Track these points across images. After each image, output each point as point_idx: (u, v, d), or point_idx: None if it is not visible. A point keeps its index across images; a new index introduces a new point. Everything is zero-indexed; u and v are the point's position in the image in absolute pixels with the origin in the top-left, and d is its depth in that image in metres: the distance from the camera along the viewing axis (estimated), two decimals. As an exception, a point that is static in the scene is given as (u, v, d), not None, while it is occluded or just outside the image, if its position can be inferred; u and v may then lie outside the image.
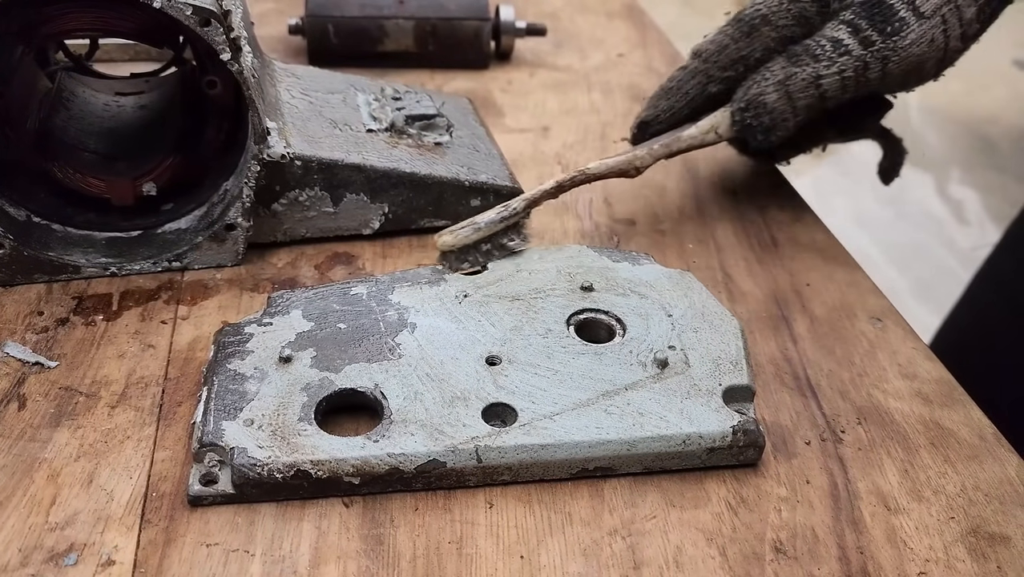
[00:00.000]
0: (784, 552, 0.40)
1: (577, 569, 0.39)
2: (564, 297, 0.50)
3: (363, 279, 0.51)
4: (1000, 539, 0.42)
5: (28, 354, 0.48)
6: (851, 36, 0.55)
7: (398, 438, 0.42)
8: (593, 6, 1.01)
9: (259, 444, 0.41)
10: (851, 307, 0.56)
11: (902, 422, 0.48)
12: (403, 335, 0.47)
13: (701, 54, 0.59)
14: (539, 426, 0.43)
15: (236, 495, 0.40)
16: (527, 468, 0.42)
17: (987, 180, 2.43)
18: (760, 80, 0.56)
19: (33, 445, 0.43)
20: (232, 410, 0.42)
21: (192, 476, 0.41)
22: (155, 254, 0.54)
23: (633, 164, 0.56)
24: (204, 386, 0.44)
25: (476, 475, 0.42)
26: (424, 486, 0.42)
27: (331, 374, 0.45)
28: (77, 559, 0.38)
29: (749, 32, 0.57)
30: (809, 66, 0.55)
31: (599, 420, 0.43)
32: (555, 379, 0.45)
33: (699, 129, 0.58)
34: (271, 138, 0.53)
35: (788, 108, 0.56)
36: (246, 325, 0.47)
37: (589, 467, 0.43)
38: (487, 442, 0.42)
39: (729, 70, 0.57)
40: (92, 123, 0.58)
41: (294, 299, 0.49)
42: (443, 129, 0.63)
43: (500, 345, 0.47)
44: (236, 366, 0.45)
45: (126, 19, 0.53)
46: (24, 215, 0.54)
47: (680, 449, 0.43)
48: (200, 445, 0.41)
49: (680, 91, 0.59)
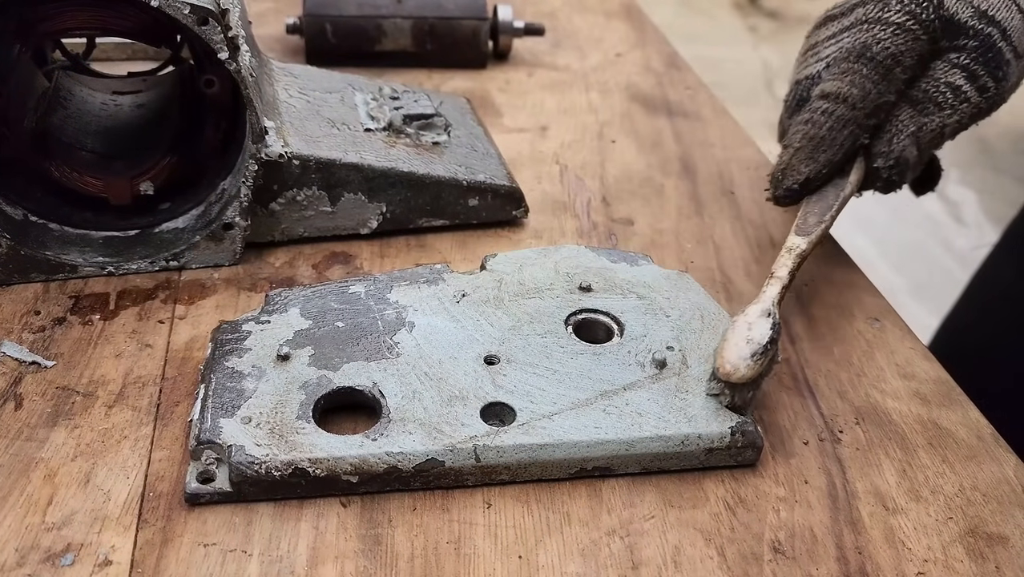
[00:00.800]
0: (782, 552, 0.40)
1: (575, 569, 0.39)
2: (563, 297, 0.50)
3: (361, 278, 0.51)
4: (998, 539, 0.42)
5: (25, 353, 0.48)
6: (969, 83, 0.53)
7: (396, 437, 0.41)
8: (591, 6, 1.01)
9: (257, 442, 0.41)
10: (849, 307, 0.56)
11: (900, 422, 0.48)
12: (401, 334, 0.47)
13: (847, 99, 0.53)
14: (537, 426, 0.42)
15: (233, 493, 0.40)
16: (525, 468, 0.42)
17: (985, 181, 2.43)
18: (897, 134, 0.54)
19: (30, 445, 0.43)
20: (230, 408, 0.42)
21: (189, 474, 0.40)
22: (152, 253, 0.54)
23: (826, 235, 0.54)
24: (201, 384, 0.44)
25: (474, 475, 0.42)
26: (422, 485, 0.42)
27: (329, 372, 0.44)
28: (74, 559, 0.38)
29: (885, 75, 0.53)
30: (936, 116, 0.54)
31: (597, 420, 0.43)
32: (554, 379, 0.45)
33: (851, 186, 0.54)
34: (269, 137, 0.53)
35: (918, 158, 0.55)
36: (244, 323, 0.47)
37: (587, 467, 0.43)
38: (485, 441, 0.42)
39: (873, 117, 0.54)
40: (89, 122, 0.58)
41: (292, 297, 0.49)
42: (441, 129, 0.63)
43: (498, 345, 0.47)
44: (234, 364, 0.45)
45: (123, 18, 0.53)
46: (21, 214, 0.54)
47: (678, 449, 0.43)
48: (197, 443, 0.41)
49: (835, 143, 0.54)
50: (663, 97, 0.81)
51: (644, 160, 0.70)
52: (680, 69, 0.87)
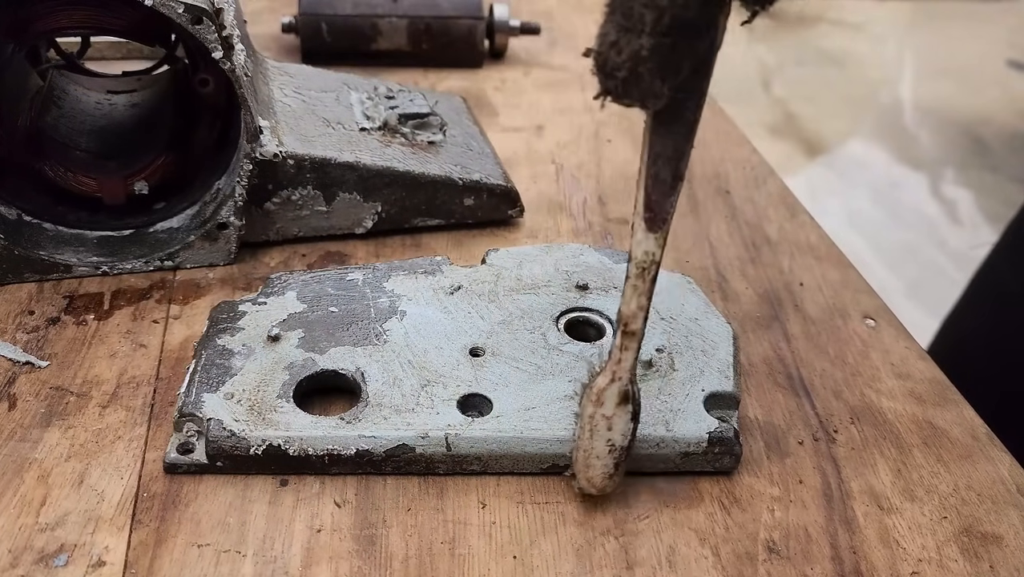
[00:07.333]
0: (777, 552, 0.40)
1: (570, 569, 0.39)
2: (558, 295, 0.50)
3: (362, 266, 0.52)
4: (993, 538, 0.42)
5: (19, 353, 0.47)
6: None
7: (371, 421, 0.42)
8: (588, 5, 1.01)
9: (235, 417, 0.41)
10: (844, 307, 0.56)
11: (895, 422, 0.48)
12: (391, 322, 0.48)
13: None
14: (512, 419, 0.43)
15: (208, 465, 0.41)
16: (496, 459, 0.42)
17: (981, 180, 2.43)
18: None
19: (23, 445, 0.42)
20: (215, 383, 0.43)
21: (170, 444, 0.42)
22: (147, 253, 0.54)
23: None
24: (193, 359, 0.45)
25: (445, 463, 0.42)
26: (394, 470, 0.42)
27: (316, 355, 0.45)
28: (67, 560, 0.37)
29: None
30: None
31: (573, 417, 0.43)
32: (536, 374, 0.45)
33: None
34: (264, 137, 0.53)
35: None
36: (241, 303, 0.48)
37: (559, 463, 0.42)
38: (458, 431, 0.42)
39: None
40: (84, 121, 0.58)
41: (291, 281, 0.50)
42: (436, 128, 0.63)
43: (486, 337, 0.47)
44: (225, 342, 0.46)
45: (118, 17, 0.53)
46: (15, 214, 0.53)
47: (653, 452, 0.42)
48: (180, 415, 0.42)
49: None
50: (659, 96, 0.81)
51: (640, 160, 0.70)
52: (676, 68, 0.87)
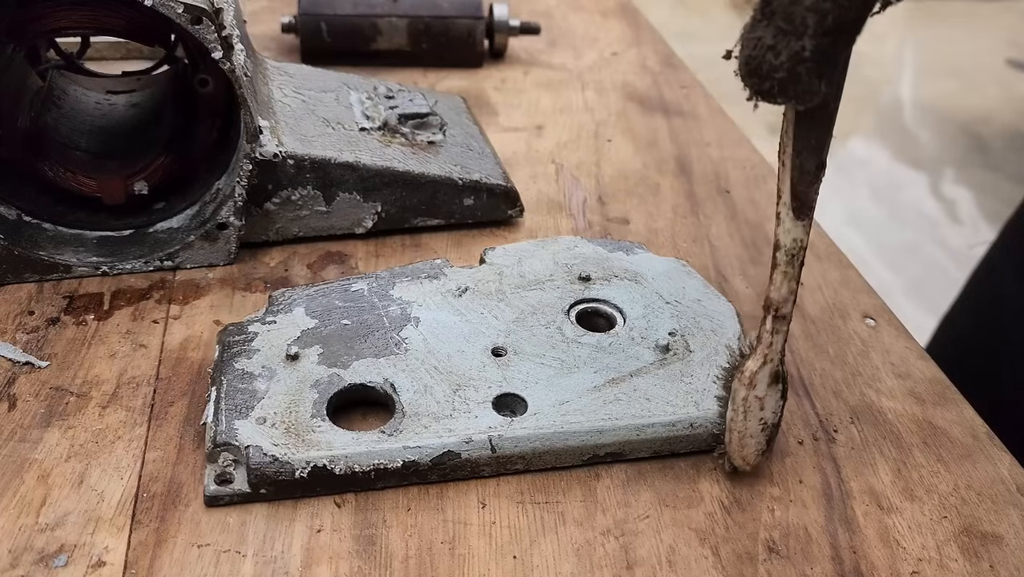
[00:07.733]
0: (777, 551, 0.40)
1: (570, 569, 0.39)
2: (563, 288, 0.51)
3: (363, 275, 0.52)
4: (992, 538, 0.42)
5: (18, 354, 0.47)
6: None
7: (412, 432, 0.42)
8: (587, 5, 1.01)
9: (274, 442, 0.41)
10: (844, 306, 0.56)
11: (895, 421, 0.48)
12: (407, 329, 0.47)
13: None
14: (550, 414, 0.43)
15: (252, 494, 0.40)
16: (540, 456, 0.42)
17: (980, 179, 2.43)
18: None
19: (23, 445, 0.42)
20: (243, 409, 0.42)
21: (207, 476, 0.40)
22: (146, 253, 0.54)
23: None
24: (212, 386, 0.44)
25: (490, 465, 0.42)
26: (439, 478, 0.42)
27: (340, 370, 0.45)
28: (67, 560, 0.37)
29: None
30: None
31: (607, 407, 0.44)
32: (561, 368, 0.45)
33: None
34: (263, 137, 0.53)
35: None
36: (249, 324, 0.47)
37: (600, 453, 0.43)
38: (501, 432, 0.42)
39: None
40: (83, 121, 0.58)
41: (296, 297, 0.50)
42: (436, 128, 0.63)
43: (504, 337, 0.47)
44: (244, 365, 0.45)
45: (117, 17, 0.53)
46: (15, 214, 0.53)
47: (688, 433, 0.43)
48: (214, 445, 0.41)
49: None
50: (659, 96, 0.81)
51: (640, 159, 0.70)
52: (676, 68, 0.87)
